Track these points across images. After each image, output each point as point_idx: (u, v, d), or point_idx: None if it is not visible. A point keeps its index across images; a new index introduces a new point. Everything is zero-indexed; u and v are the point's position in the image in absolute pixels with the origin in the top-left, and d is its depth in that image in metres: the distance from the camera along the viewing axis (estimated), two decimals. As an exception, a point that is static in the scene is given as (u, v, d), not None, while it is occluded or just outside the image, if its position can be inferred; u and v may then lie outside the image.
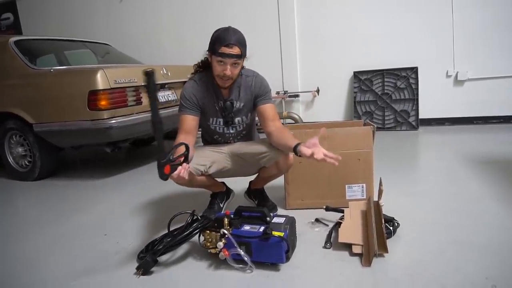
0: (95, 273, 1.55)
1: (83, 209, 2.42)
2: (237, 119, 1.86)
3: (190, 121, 1.77)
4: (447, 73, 4.10)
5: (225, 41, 1.62)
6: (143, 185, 2.88)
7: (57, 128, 2.93)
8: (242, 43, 1.67)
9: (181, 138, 1.71)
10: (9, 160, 3.28)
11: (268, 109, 1.81)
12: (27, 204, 2.69)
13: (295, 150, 1.57)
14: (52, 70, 3.05)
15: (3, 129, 3.21)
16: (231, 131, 1.89)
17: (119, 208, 2.38)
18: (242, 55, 1.68)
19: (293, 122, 4.52)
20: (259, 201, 2.05)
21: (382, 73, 4.29)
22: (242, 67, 1.80)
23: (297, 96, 4.64)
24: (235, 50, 1.64)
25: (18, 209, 2.61)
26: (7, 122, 3.18)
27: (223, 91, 1.82)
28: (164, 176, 1.37)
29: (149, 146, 4.48)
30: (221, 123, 1.86)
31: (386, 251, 1.43)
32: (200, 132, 1.94)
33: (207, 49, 1.73)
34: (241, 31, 1.71)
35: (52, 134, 3.00)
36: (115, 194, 2.73)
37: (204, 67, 1.82)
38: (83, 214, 2.32)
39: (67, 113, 2.88)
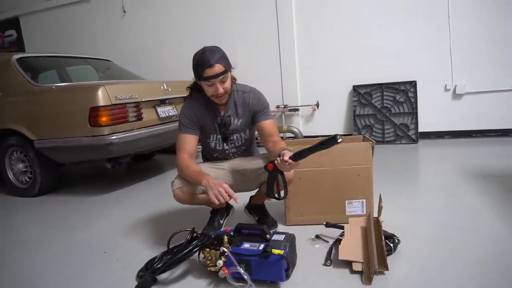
0: (94, 292, 1.54)
1: (83, 226, 2.42)
2: (235, 136, 1.87)
3: (192, 141, 1.80)
4: (445, 86, 4.13)
5: (206, 63, 1.63)
6: (142, 200, 2.89)
7: (58, 144, 2.95)
8: (222, 59, 1.67)
9: (185, 157, 1.76)
10: (10, 176, 3.29)
11: (267, 125, 1.83)
12: (26, 221, 2.68)
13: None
14: (53, 87, 3.09)
15: (4, 145, 3.23)
16: (230, 147, 1.90)
17: (119, 224, 2.37)
18: (226, 70, 1.69)
19: (293, 136, 4.54)
20: (259, 217, 2.04)
21: (381, 87, 4.32)
22: (234, 79, 1.82)
23: (296, 110, 4.67)
24: (218, 68, 1.65)
25: (18, 226, 2.60)
26: (8, 139, 3.20)
27: (220, 108, 1.84)
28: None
29: (150, 161, 4.49)
30: (220, 140, 1.88)
31: (387, 268, 1.43)
32: (199, 148, 1.96)
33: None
34: (217, 46, 1.72)
35: (53, 150, 3.01)
36: (115, 210, 2.72)
37: (196, 89, 1.84)
38: (83, 231, 2.32)
39: (68, 129, 2.90)
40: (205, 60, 1.64)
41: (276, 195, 1.64)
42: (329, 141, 1.48)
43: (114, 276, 1.65)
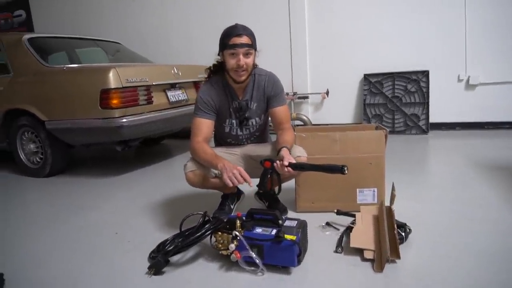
0: (106, 271, 1.56)
1: (94, 206, 2.44)
2: (251, 121, 1.86)
3: (208, 125, 1.80)
4: (458, 77, 4.06)
5: (235, 32, 1.67)
6: (153, 184, 2.90)
7: (69, 126, 2.96)
8: (251, 34, 1.71)
9: (200, 141, 1.75)
10: (21, 156, 3.31)
11: (279, 111, 1.82)
12: (38, 200, 2.72)
13: (278, 152, 1.65)
14: (65, 68, 3.08)
15: (16, 125, 3.25)
16: (245, 133, 1.90)
17: (129, 206, 2.40)
18: (252, 45, 1.70)
19: (302, 123, 4.52)
20: (270, 203, 2.05)
21: (392, 76, 4.26)
22: (255, 66, 1.80)
23: (306, 97, 4.63)
24: (245, 39, 1.67)
25: (29, 205, 2.64)
26: (19, 119, 3.22)
27: (238, 92, 1.82)
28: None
29: (158, 145, 4.50)
30: (235, 124, 1.87)
31: (399, 257, 1.43)
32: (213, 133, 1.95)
33: (217, 52, 1.75)
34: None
35: (63, 132, 3.03)
36: (125, 192, 2.74)
37: (216, 71, 1.83)
38: (94, 211, 2.34)
39: (79, 111, 2.91)
40: (235, 30, 1.68)
41: (268, 190, 1.69)
42: (335, 168, 1.48)
43: (126, 257, 1.68)
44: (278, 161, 1.58)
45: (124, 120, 2.80)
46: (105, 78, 2.76)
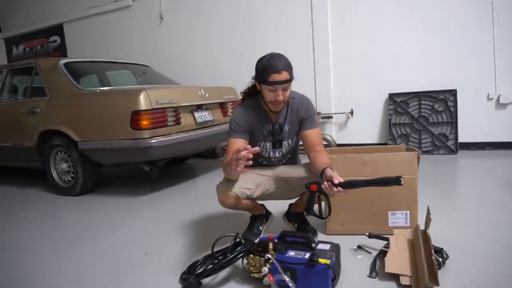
0: (140, 292, 1.57)
1: (124, 225, 2.48)
2: (284, 143, 1.88)
3: (240, 143, 1.79)
4: (488, 95, 3.97)
5: (274, 68, 1.65)
6: (180, 203, 2.93)
7: (100, 146, 3.05)
8: (289, 67, 1.71)
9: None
10: (54, 175, 3.43)
11: (312, 134, 1.83)
12: (69, 219, 2.79)
13: (322, 173, 1.61)
14: (98, 90, 3.21)
15: (50, 145, 3.38)
16: (277, 155, 1.91)
17: (158, 226, 2.43)
18: (291, 79, 1.71)
19: (326, 144, 4.49)
20: (299, 224, 2.03)
21: (418, 96, 4.21)
22: None
23: (330, 117, 4.62)
24: (285, 76, 1.67)
25: (60, 224, 2.71)
26: (53, 139, 3.35)
27: (272, 115, 1.85)
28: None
29: (183, 165, 4.57)
30: (268, 147, 1.89)
31: (437, 283, 1.38)
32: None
33: (252, 76, 1.78)
34: (283, 55, 1.74)
35: (95, 152, 3.13)
36: (153, 211, 2.78)
37: (251, 94, 1.86)
38: (124, 230, 2.38)
39: (110, 132, 3.00)
40: (273, 65, 1.66)
41: (318, 214, 1.64)
42: (391, 180, 1.43)
43: (156, 278, 1.69)
44: (326, 182, 1.56)
45: (154, 140, 2.87)
46: (136, 100, 2.85)
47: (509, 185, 2.70)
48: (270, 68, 1.66)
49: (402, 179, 1.41)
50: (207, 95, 3.47)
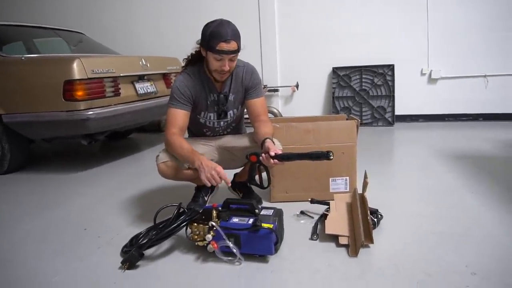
0: (77, 268, 1.49)
1: (59, 203, 2.33)
2: (229, 113, 1.84)
3: (184, 116, 1.73)
4: (421, 71, 4.24)
5: (222, 37, 1.56)
6: (122, 179, 2.81)
7: (29, 119, 2.79)
8: (238, 36, 1.63)
9: (175, 133, 1.69)
10: (-24, 152, 3.09)
11: (256, 103, 1.80)
12: (-3, 199, 2.56)
13: (262, 144, 1.62)
14: (23, 58, 2.90)
15: (-31, 119, 3.02)
16: (222, 124, 1.87)
17: (97, 202, 2.31)
18: (239, 49, 1.64)
19: (272, 116, 4.53)
20: (244, 194, 2.04)
21: (360, 70, 4.37)
22: None
23: (276, 90, 4.66)
24: (233, 46, 1.60)
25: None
26: (-28, 112, 2.99)
27: (217, 85, 1.79)
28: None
29: (126, 139, 4.36)
30: (212, 117, 1.83)
31: (372, 241, 1.47)
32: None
33: (198, 41, 1.68)
34: (232, 23, 1.65)
35: (23, 126, 2.86)
36: (92, 188, 2.63)
37: (195, 61, 1.78)
38: (60, 208, 2.23)
39: (40, 104, 2.75)
40: (222, 33, 1.56)
41: (259, 184, 1.67)
42: (321, 154, 1.49)
43: (97, 253, 1.61)
44: (263, 154, 1.56)
45: (90, 112, 2.69)
46: (69, 68, 2.63)
47: (438, 153, 2.94)
48: (218, 35, 1.57)
49: (331, 154, 1.48)
50: (148, 65, 3.29)
